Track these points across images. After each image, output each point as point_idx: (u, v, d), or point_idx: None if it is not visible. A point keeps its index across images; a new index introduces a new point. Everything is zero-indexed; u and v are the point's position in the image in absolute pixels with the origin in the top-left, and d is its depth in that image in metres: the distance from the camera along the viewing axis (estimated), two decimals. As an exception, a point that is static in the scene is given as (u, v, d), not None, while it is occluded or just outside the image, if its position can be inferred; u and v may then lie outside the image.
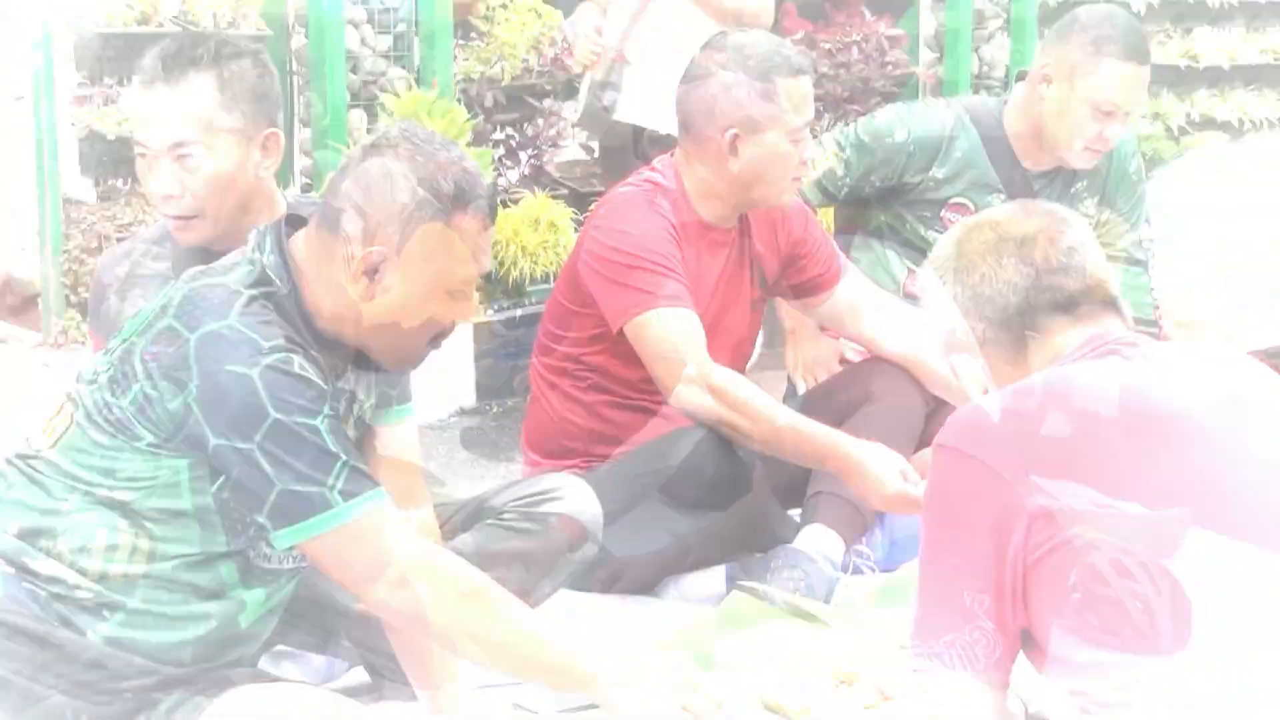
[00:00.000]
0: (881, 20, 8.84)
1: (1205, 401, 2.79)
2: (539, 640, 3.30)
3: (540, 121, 7.39)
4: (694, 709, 3.38)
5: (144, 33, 6.45)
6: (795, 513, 4.76)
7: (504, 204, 6.76)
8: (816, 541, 4.61)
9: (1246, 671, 2.62)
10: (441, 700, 3.62)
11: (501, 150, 7.52)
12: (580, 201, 7.42)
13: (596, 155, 7.64)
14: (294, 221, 3.35)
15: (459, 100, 7.01)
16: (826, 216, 5.64)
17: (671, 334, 4.45)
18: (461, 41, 7.19)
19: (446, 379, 6.69)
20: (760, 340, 5.23)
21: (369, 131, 6.66)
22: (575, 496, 4.11)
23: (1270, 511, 2.70)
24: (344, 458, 3.14)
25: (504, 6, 7.23)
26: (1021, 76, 5.48)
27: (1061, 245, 2.93)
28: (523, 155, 7.47)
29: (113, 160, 6.47)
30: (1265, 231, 5.85)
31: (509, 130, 7.53)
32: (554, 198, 7.21)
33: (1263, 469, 2.74)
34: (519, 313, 7.09)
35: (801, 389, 5.32)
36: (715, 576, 4.70)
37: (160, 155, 3.78)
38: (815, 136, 4.80)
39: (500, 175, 7.42)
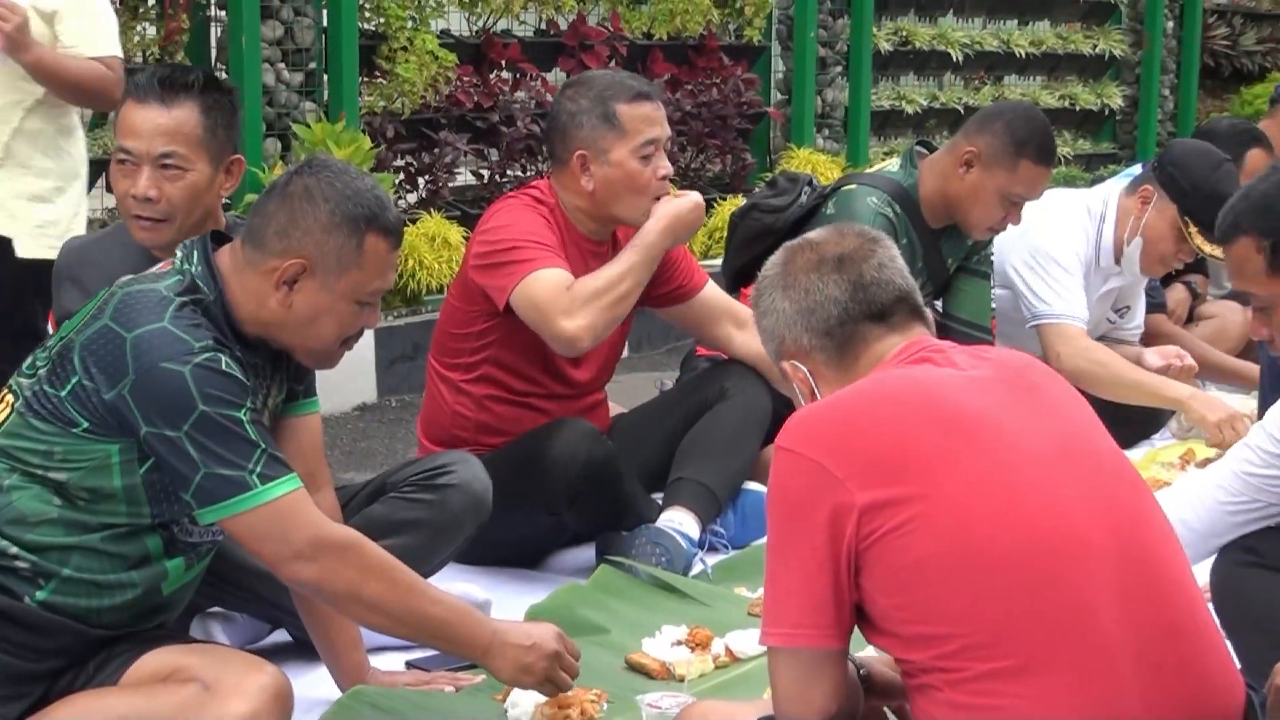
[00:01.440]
0: (738, 65, 8.88)
1: (1002, 401, 2.80)
2: (431, 609, 3.30)
3: (436, 151, 7.37)
4: (563, 668, 3.40)
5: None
6: (658, 496, 4.75)
7: (404, 223, 6.73)
8: (676, 521, 4.61)
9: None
10: (345, 665, 3.62)
11: (401, 176, 7.52)
12: (471, 221, 7.39)
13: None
14: (218, 237, 3.36)
15: (363, 131, 6.98)
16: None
17: (542, 286, 4.42)
18: (366, 79, 7.17)
19: (351, 377, 6.67)
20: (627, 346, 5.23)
21: (282, 158, 6.64)
22: (467, 471, 4.16)
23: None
24: (263, 446, 3.15)
25: (404, 49, 7.20)
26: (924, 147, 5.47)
27: (873, 262, 2.93)
28: (420, 180, 7.46)
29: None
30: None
31: (408, 158, 7.53)
32: (448, 218, 7.21)
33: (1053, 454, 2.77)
34: (416, 319, 7.06)
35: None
36: (586, 552, 4.70)
37: (145, 163, 3.80)
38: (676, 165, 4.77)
39: (400, 198, 7.42)
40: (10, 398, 3.24)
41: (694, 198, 4.61)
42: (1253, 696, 2.79)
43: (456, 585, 4.13)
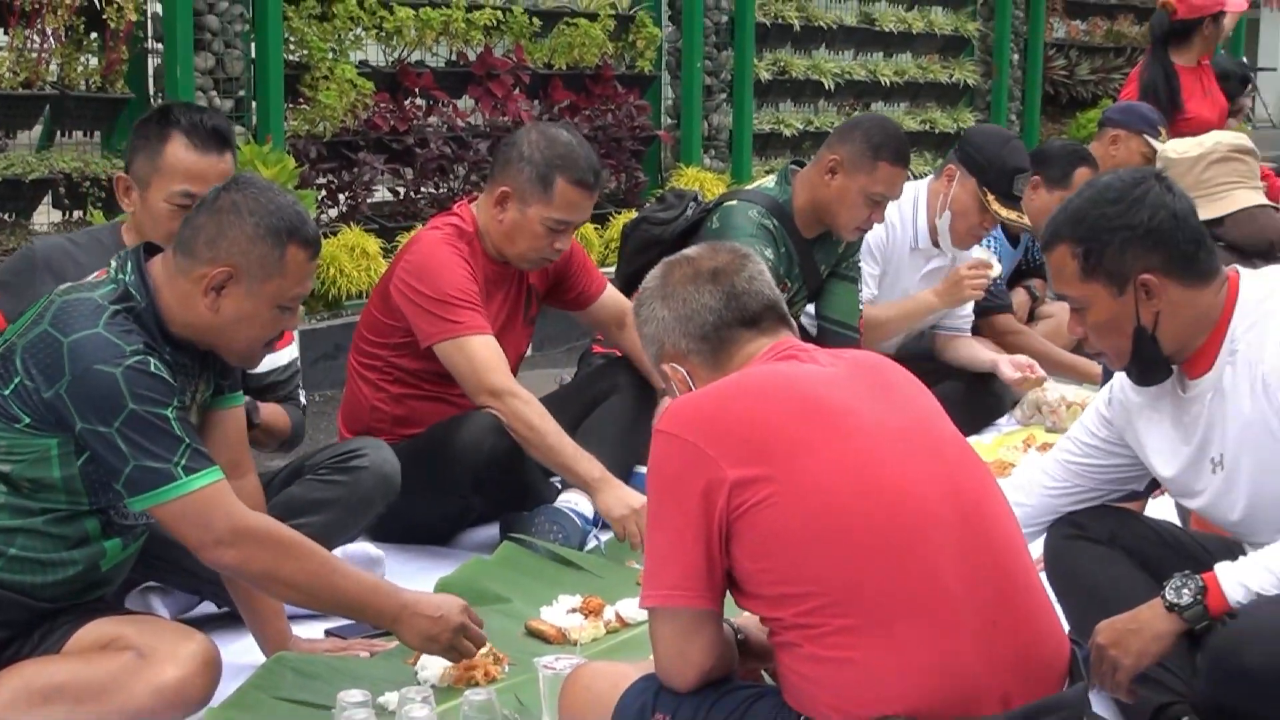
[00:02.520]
0: (631, 93, 8.90)
1: (857, 393, 2.83)
2: (343, 584, 3.32)
3: (355, 170, 7.35)
4: (469, 638, 3.42)
5: (25, 95, 6.32)
6: (557, 479, 4.75)
7: (325, 235, 6.71)
8: (572, 502, 4.62)
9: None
10: (269, 634, 3.63)
11: (324, 193, 7.48)
12: (387, 234, 7.41)
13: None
14: (149, 249, 3.35)
15: (288, 152, 6.95)
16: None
17: (475, 357, 4.45)
18: (291, 105, 7.13)
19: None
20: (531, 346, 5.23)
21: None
22: (377, 454, 4.19)
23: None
24: (188, 441, 3.15)
25: (325, 78, 7.17)
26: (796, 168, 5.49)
27: (744, 275, 2.96)
28: (341, 197, 7.44)
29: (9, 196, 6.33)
30: None
31: (330, 177, 7.49)
32: (366, 231, 7.19)
33: (902, 438, 2.80)
34: (337, 322, 7.03)
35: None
36: (491, 530, 4.72)
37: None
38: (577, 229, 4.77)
39: (323, 213, 7.39)
40: None
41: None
42: (1076, 651, 2.84)
43: (353, 546, 4.16)
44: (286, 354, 4.45)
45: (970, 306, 6.26)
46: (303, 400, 4.54)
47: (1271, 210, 4.93)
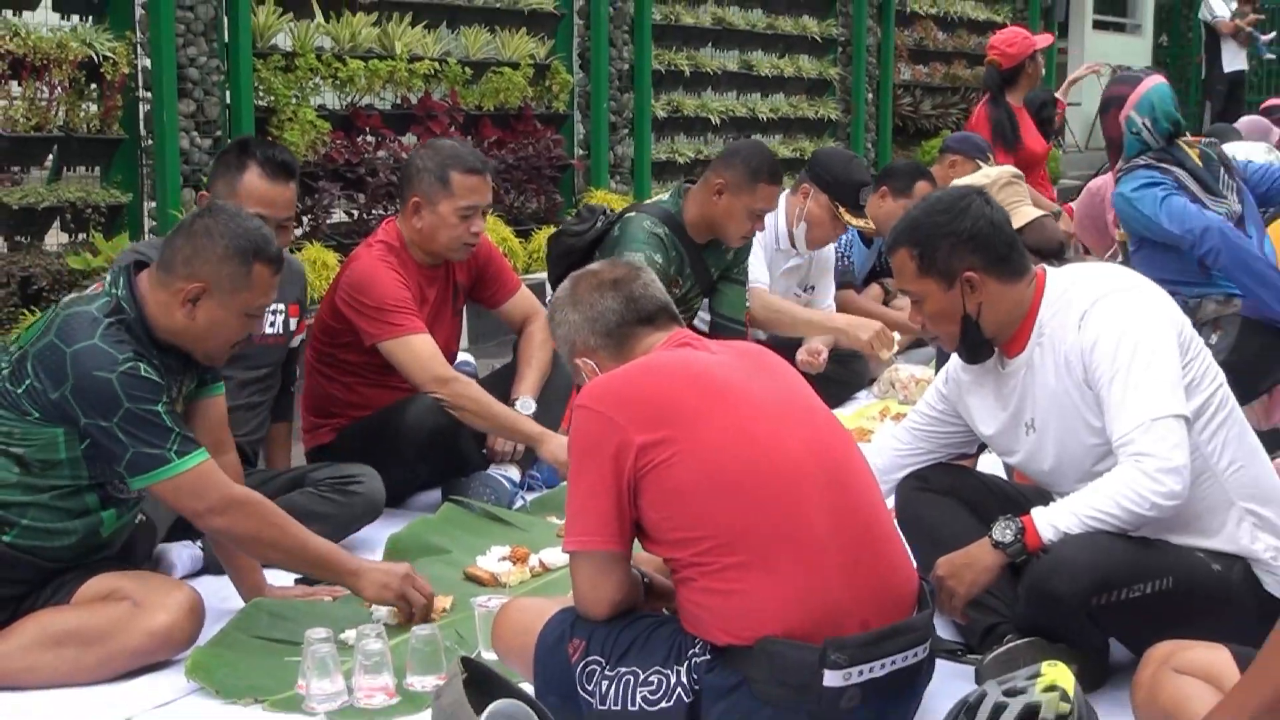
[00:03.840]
0: (548, 129, 8.89)
1: (741, 372, 2.86)
2: (312, 545, 3.37)
3: (316, 196, 7.29)
4: (416, 588, 3.44)
5: (37, 136, 6.25)
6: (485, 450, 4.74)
7: (291, 251, 6.65)
8: (503, 469, 4.64)
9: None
10: (247, 584, 3.63)
11: (289, 215, 7.38)
12: (344, 249, 7.32)
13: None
14: (139, 265, 3.34)
15: (260, 182, 6.86)
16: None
17: (418, 353, 4.46)
18: (261, 142, 7.07)
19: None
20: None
21: (196, 204, 6.53)
22: (372, 484, 4.17)
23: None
24: (177, 430, 3.17)
25: (290, 119, 7.13)
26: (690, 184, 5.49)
27: (640, 283, 3.00)
28: (304, 219, 7.36)
29: (16, 223, 6.24)
30: None
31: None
32: (326, 246, 7.12)
33: (778, 409, 2.83)
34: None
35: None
36: (434, 494, 4.70)
37: (272, 225, 3.71)
38: (486, 213, 4.73)
39: (289, 233, 7.30)
40: None
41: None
42: (924, 585, 2.89)
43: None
44: (298, 339, 4.51)
45: (831, 296, 6.32)
46: (298, 374, 4.59)
47: (1050, 219, 5.05)
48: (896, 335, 5.80)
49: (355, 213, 7.56)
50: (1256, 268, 4.71)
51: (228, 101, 6.92)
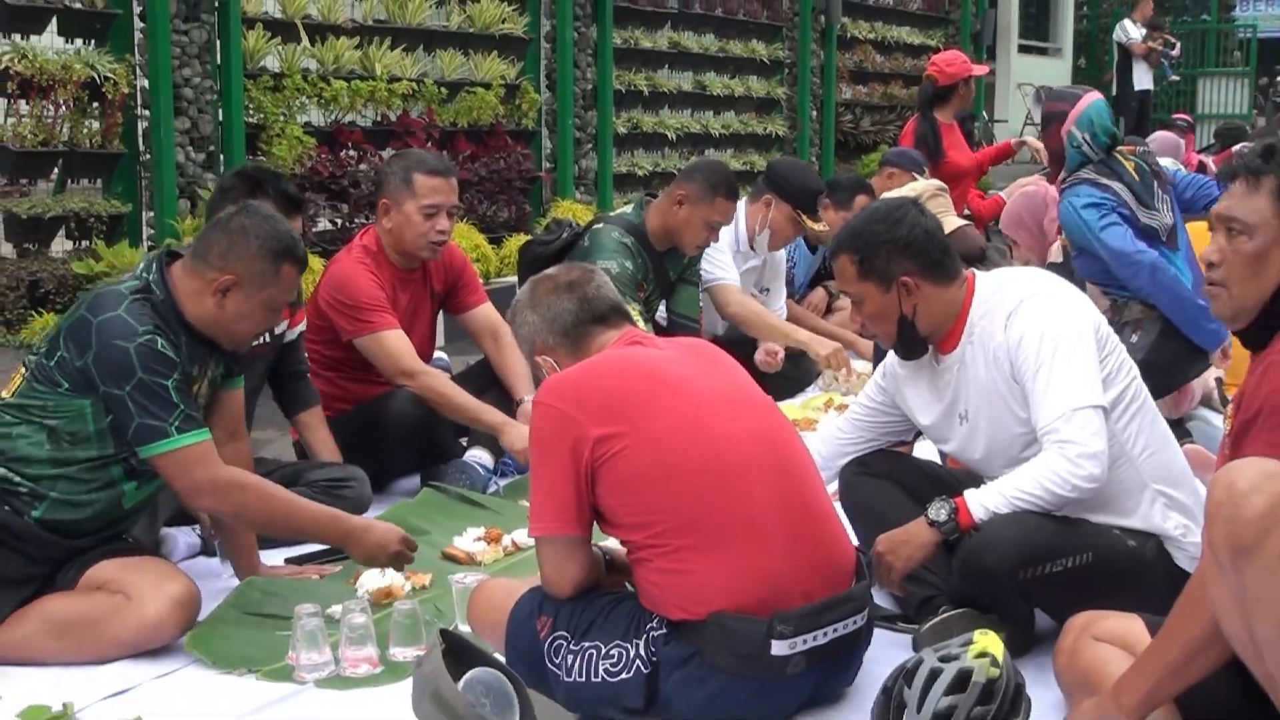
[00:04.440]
0: (518, 144, 8.88)
1: (689, 367, 2.86)
2: (300, 515, 3.34)
3: (302, 207, 7.25)
4: (407, 547, 3.44)
5: (43, 151, 6.21)
6: (463, 439, 4.74)
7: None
8: (477, 456, 4.63)
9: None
10: (243, 564, 3.62)
11: (279, 224, 7.35)
12: (329, 255, 7.25)
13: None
14: (171, 255, 3.33)
15: (250, 193, 6.83)
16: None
17: (390, 348, 4.46)
18: (251, 157, 7.05)
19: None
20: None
21: (191, 213, 6.51)
22: (360, 489, 4.14)
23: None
24: (182, 407, 3.13)
25: (278, 135, 7.10)
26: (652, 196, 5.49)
27: (593, 285, 2.99)
28: (293, 227, 7.34)
29: (24, 231, 6.20)
30: None
31: (284, 212, 7.36)
32: (313, 252, 7.07)
33: (724, 400, 2.84)
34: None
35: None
36: (414, 480, 4.70)
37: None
38: (456, 217, 4.71)
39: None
40: (23, 369, 3.24)
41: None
42: (861, 559, 2.90)
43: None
44: (296, 330, 4.46)
45: (783, 298, 6.34)
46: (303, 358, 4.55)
47: (972, 227, 5.10)
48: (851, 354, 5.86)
49: (339, 221, 7.54)
50: (1177, 304, 4.71)
51: (220, 119, 6.89)
